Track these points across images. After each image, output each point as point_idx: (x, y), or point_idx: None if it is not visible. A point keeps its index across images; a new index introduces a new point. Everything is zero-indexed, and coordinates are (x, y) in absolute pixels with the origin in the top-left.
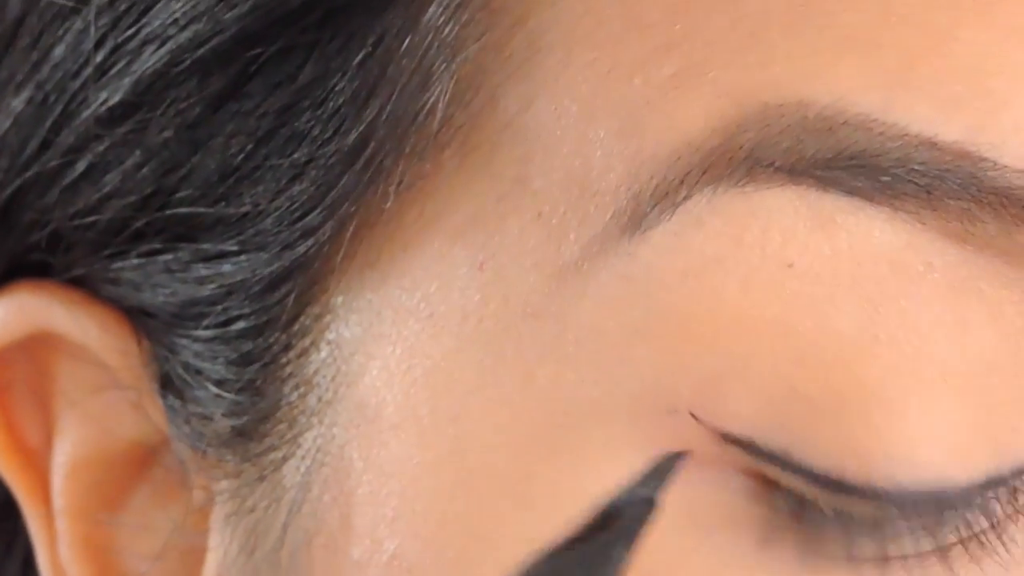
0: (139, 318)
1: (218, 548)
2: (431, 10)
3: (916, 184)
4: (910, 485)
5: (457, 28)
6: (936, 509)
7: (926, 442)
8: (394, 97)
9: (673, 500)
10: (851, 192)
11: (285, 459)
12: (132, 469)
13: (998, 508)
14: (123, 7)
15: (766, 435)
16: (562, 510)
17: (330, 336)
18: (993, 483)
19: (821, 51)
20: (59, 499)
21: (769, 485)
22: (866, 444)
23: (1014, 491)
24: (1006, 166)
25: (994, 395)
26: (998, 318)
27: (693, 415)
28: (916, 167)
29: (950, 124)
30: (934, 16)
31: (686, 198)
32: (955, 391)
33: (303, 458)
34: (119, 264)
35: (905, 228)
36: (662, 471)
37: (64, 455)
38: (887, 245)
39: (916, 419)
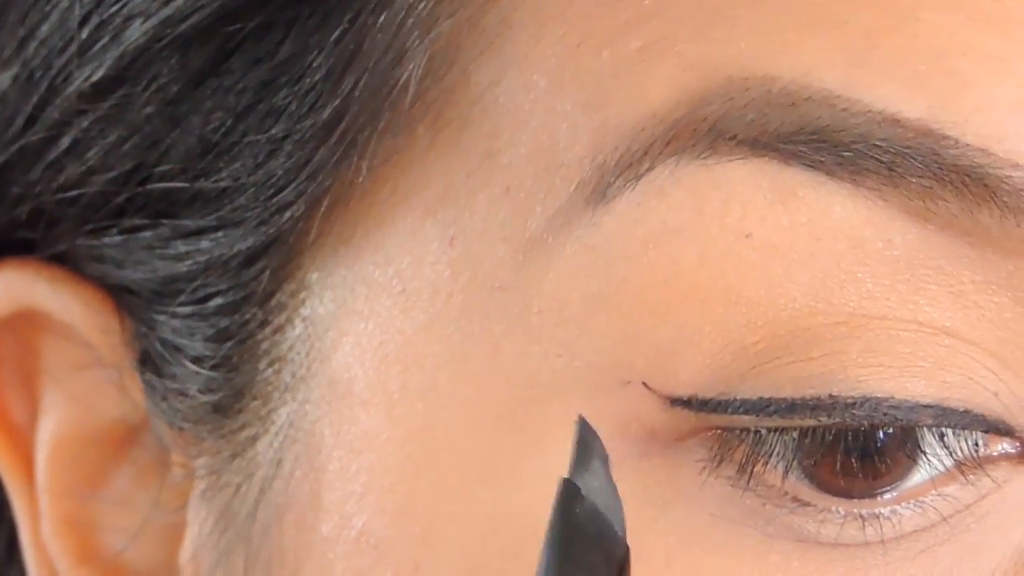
0: (121, 296)
1: (194, 524)
2: None
3: (878, 160)
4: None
5: (431, 4)
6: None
7: (869, 379)
8: (368, 72)
9: (627, 479)
10: (813, 167)
11: (258, 436)
12: (114, 447)
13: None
14: None
15: (713, 390)
16: (526, 487)
17: (305, 312)
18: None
19: (787, 27)
20: (42, 476)
21: (718, 451)
22: (806, 376)
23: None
24: (968, 144)
25: (947, 362)
26: (957, 295)
27: (645, 384)
28: (878, 143)
29: (913, 102)
30: None
31: (649, 169)
32: (906, 357)
33: (276, 434)
34: (102, 240)
35: (866, 204)
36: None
37: (47, 432)
38: (847, 221)
39: (859, 359)
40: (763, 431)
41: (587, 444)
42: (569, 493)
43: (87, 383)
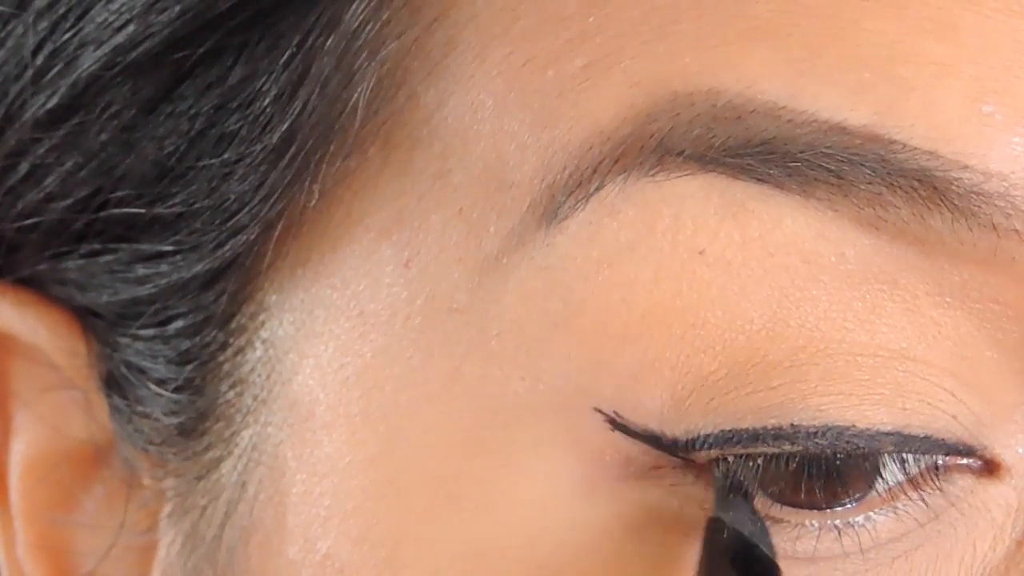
0: (87, 318)
1: (163, 545)
2: (352, 8)
3: (826, 169)
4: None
5: (378, 26)
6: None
7: (830, 407)
8: (317, 95)
9: (602, 505)
10: (762, 179)
11: (222, 458)
12: (84, 468)
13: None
14: (62, 11)
15: (677, 427)
16: (492, 510)
17: (264, 334)
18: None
19: (730, 41)
20: (15, 497)
21: (689, 477)
22: (767, 406)
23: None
24: (916, 148)
25: (906, 388)
26: (913, 312)
27: (617, 415)
28: (826, 151)
29: (858, 108)
30: (842, 6)
31: (599, 187)
32: (865, 384)
33: (239, 457)
34: (63, 265)
35: (817, 216)
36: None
37: (19, 454)
38: (798, 235)
39: (819, 388)
40: (729, 458)
41: (727, 480)
42: (714, 527)
43: (55, 405)
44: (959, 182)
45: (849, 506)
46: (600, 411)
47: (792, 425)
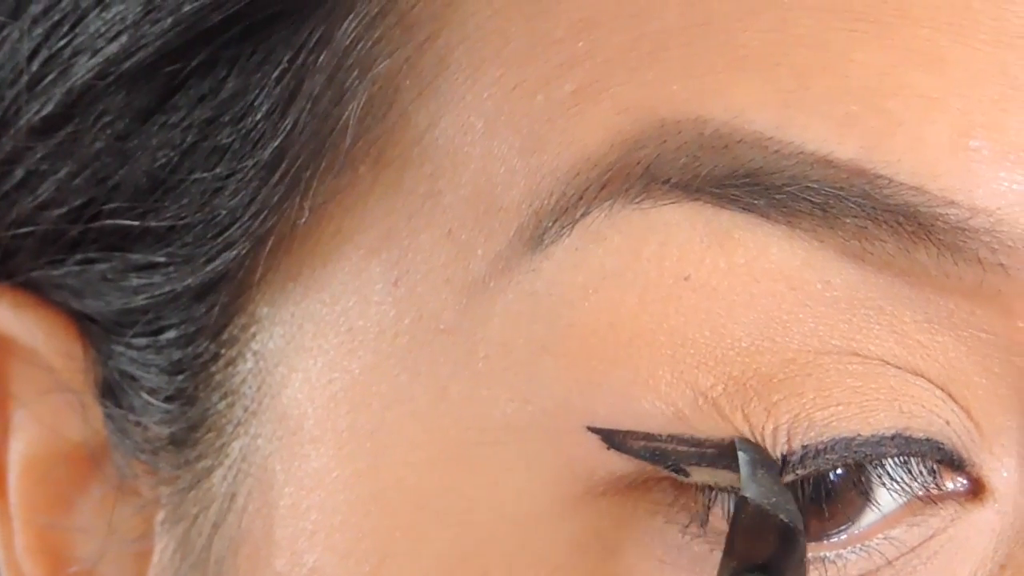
0: (84, 323)
1: (157, 551)
2: (345, 26)
3: (812, 202)
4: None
5: (369, 44)
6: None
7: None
8: (308, 112)
9: (580, 522)
10: (748, 209)
11: (213, 468)
12: (81, 470)
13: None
14: (56, 18)
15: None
16: (479, 527)
17: (255, 347)
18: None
19: (719, 69)
20: (13, 497)
21: (676, 498)
22: (773, 428)
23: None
24: (902, 183)
25: (900, 391)
26: (900, 335)
27: (613, 432)
28: (811, 184)
29: (845, 142)
30: (831, 37)
31: (585, 214)
32: (860, 391)
33: (230, 468)
34: (58, 271)
35: (802, 246)
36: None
37: (17, 454)
38: (784, 263)
39: (817, 400)
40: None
41: (750, 457)
42: (737, 504)
43: (52, 407)
44: (945, 218)
45: (835, 538)
46: (594, 430)
47: (803, 446)
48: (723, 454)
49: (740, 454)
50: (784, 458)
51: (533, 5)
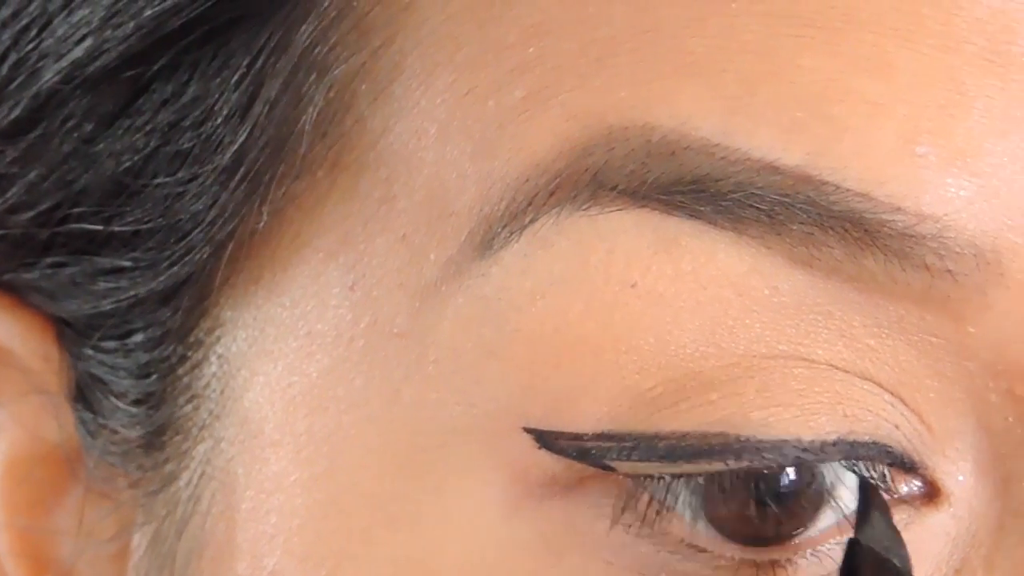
0: (60, 326)
1: (134, 552)
2: (302, 30)
3: (758, 209)
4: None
5: (326, 49)
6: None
7: (773, 421)
8: (266, 116)
9: (525, 525)
10: (695, 216)
11: (179, 471)
12: (61, 472)
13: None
14: (25, 22)
15: (607, 440)
16: (425, 532)
17: (220, 350)
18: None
19: (666, 76)
20: None
21: (622, 499)
22: (709, 421)
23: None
24: (848, 189)
25: (845, 396)
26: (849, 339)
27: (544, 432)
28: (757, 192)
29: (791, 149)
30: (777, 44)
31: (533, 220)
32: (802, 394)
33: (194, 471)
34: (31, 275)
35: (750, 252)
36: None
37: (1, 454)
38: (731, 269)
39: (757, 401)
40: (668, 477)
41: (867, 499)
42: (849, 548)
43: (30, 409)
44: (891, 224)
45: (793, 541)
46: (527, 430)
47: (736, 438)
48: (643, 446)
49: (859, 495)
50: (718, 446)
51: (486, 11)
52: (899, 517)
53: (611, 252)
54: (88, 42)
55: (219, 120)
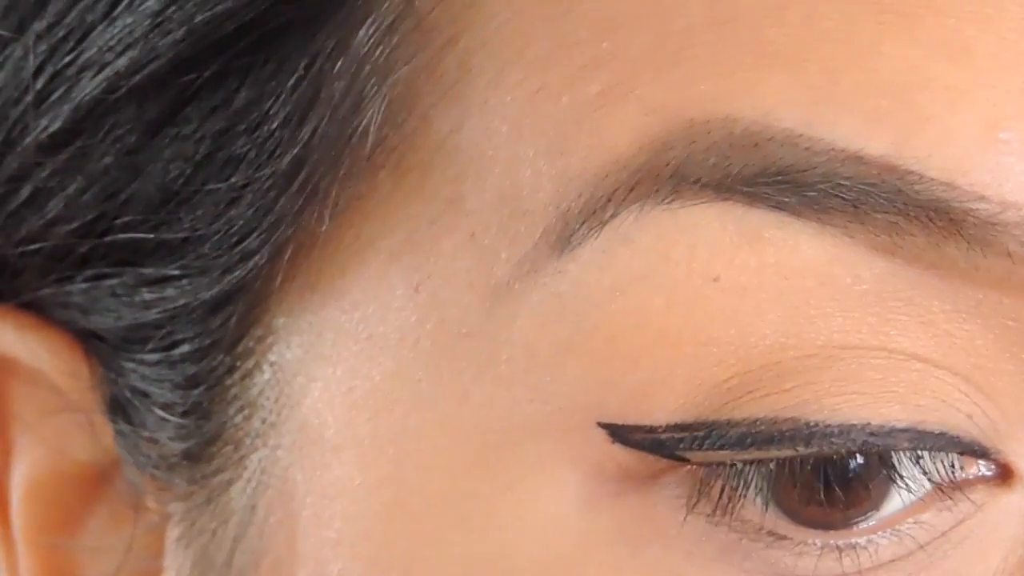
0: (89, 341)
1: (170, 570)
2: (362, 32)
3: (843, 198)
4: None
5: (388, 50)
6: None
7: (844, 407)
8: (327, 119)
9: (602, 519)
10: (778, 207)
11: (232, 481)
12: (88, 490)
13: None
14: (61, 34)
15: (680, 431)
16: (500, 531)
17: (272, 358)
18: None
19: (746, 67)
20: (18, 521)
21: (696, 488)
22: (781, 407)
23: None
24: (932, 179)
25: (920, 386)
26: (928, 324)
27: (619, 426)
28: (842, 182)
29: (875, 138)
30: (858, 31)
31: (613, 215)
32: (878, 383)
33: (249, 480)
34: (66, 288)
35: (833, 242)
36: None
37: (21, 477)
38: (814, 259)
39: (832, 388)
40: (739, 464)
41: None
42: None
43: (58, 427)
44: (975, 213)
45: (863, 524)
46: (602, 425)
47: (806, 424)
48: (715, 434)
49: None
50: (788, 432)
51: (554, 6)
52: (974, 498)
53: (693, 246)
54: (135, 51)
55: (275, 124)
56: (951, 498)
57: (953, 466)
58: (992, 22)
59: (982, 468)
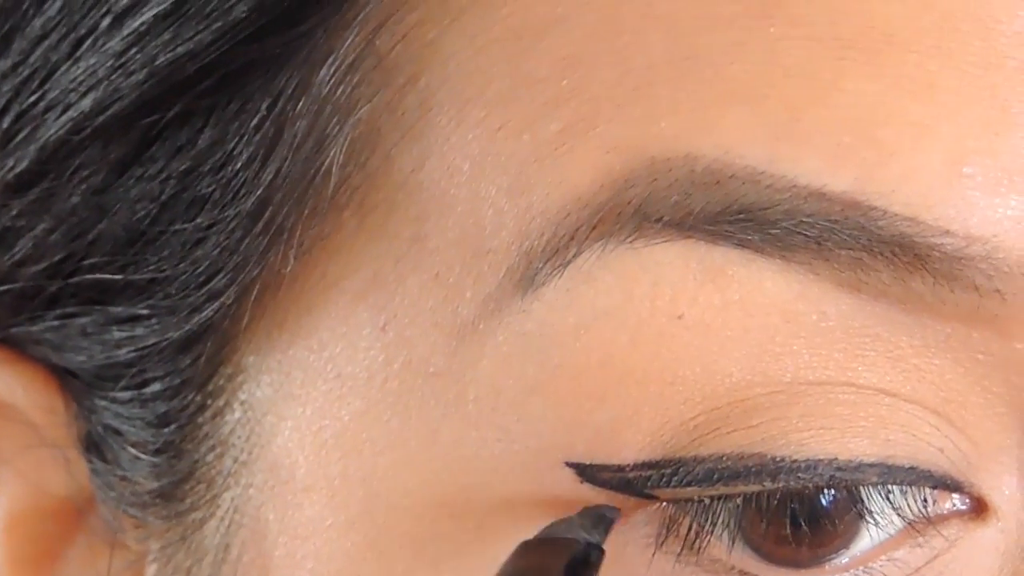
0: (64, 377)
1: None
2: (323, 72)
3: (806, 236)
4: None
5: (349, 89)
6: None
7: (811, 442)
8: (290, 159)
9: None
10: (741, 245)
11: (205, 520)
12: (66, 525)
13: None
14: (26, 73)
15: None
16: (469, 572)
17: (243, 396)
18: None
19: (707, 104)
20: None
21: (664, 525)
22: (748, 443)
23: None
24: (896, 214)
25: (889, 420)
26: (896, 360)
27: (587, 466)
28: (805, 219)
29: (838, 174)
30: (819, 67)
31: (576, 254)
32: (846, 419)
33: (222, 519)
34: (37, 327)
35: (797, 279)
36: (606, 521)
37: (1, 509)
38: (779, 296)
39: (799, 424)
40: (707, 500)
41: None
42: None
43: (34, 462)
44: (940, 247)
45: (834, 562)
46: (570, 464)
47: (773, 459)
48: (682, 471)
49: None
50: (754, 467)
51: (515, 44)
52: (947, 533)
53: (656, 284)
54: (98, 91)
55: (239, 164)
56: (924, 534)
57: (926, 501)
58: (954, 57)
59: (956, 502)
